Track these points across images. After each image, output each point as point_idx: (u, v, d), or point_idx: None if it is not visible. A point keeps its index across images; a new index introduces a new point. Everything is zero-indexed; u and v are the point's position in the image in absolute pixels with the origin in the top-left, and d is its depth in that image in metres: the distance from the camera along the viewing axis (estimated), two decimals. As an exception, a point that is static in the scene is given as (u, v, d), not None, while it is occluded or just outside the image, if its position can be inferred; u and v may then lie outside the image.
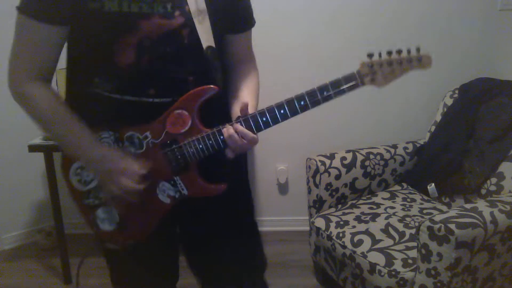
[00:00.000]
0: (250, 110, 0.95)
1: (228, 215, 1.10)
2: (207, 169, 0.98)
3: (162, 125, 0.93)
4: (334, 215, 1.82)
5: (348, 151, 2.00)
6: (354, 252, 1.57)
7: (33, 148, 1.91)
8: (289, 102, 0.91)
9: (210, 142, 0.93)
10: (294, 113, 0.92)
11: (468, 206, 1.40)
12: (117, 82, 0.91)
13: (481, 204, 1.40)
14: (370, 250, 1.54)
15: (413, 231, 1.62)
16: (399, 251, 1.51)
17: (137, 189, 0.93)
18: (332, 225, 1.75)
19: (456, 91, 2.11)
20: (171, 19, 0.88)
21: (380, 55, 0.91)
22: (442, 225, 1.27)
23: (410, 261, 1.44)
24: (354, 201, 1.94)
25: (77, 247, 2.37)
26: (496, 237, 1.33)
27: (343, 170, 1.93)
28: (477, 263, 1.34)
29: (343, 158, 1.95)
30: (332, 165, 1.91)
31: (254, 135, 0.92)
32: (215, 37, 0.95)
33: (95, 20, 0.85)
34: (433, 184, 1.94)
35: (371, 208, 1.84)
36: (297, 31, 2.28)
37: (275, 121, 0.93)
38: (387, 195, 1.98)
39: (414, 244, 1.46)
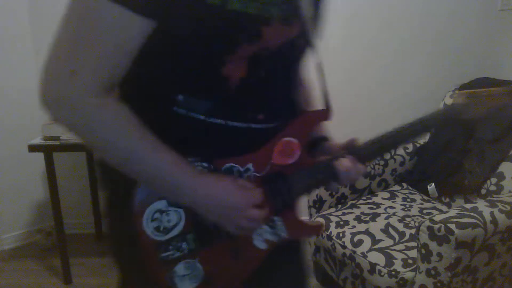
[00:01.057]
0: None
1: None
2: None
3: (267, 155, 0.76)
4: (334, 215, 1.82)
5: (348, 151, 1.99)
6: (354, 252, 1.57)
7: (33, 148, 1.91)
8: (390, 136, 0.84)
9: (322, 175, 0.79)
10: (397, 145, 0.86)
11: (468, 206, 1.40)
12: (217, 103, 0.70)
13: (481, 204, 1.40)
14: (370, 250, 1.54)
15: (413, 231, 1.62)
16: (399, 251, 1.51)
17: (257, 227, 0.76)
18: (332, 225, 1.75)
19: (456, 91, 2.11)
20: (291, 26, 0.69)
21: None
22: (442, 225, 1.27)
23: (410, 261, 1.44)
24: (354, 201, 1.94)
25: (77, 247, 2.38)
26: (496, 237, 1.33)
27: (343, 170, 1.92)
28: (477, 263, 1.34)
29: (343, 158, 1.94)
30: (332, 165, 1.90)
31: (365, 167, 0.82)
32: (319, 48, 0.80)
33: (209, 19, 0.62)
34: (433, 184, 1.94)
35: (371, 208, 1.84)
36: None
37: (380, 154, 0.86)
38: (387, 195, 1.98)
39: (414, 244, 1.46)
